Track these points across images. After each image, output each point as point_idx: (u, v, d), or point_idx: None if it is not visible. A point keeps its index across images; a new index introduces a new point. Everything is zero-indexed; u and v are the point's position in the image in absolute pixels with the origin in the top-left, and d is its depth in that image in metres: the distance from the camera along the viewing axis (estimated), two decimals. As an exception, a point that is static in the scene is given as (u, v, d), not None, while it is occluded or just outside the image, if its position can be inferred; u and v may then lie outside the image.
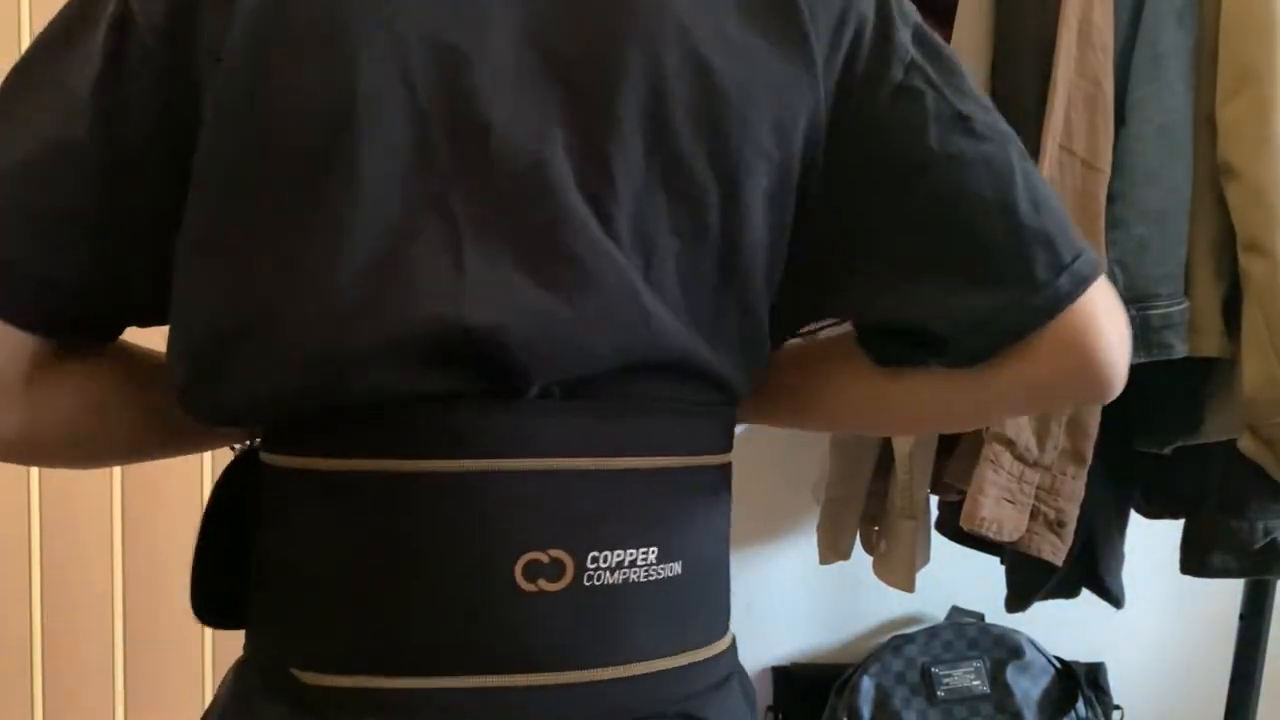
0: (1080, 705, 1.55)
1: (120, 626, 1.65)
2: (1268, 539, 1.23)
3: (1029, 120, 1.05)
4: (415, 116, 0.60)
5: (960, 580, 1.57)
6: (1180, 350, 1.06)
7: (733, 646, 0.73)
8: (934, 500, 1.29)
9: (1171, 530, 1.30)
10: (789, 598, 1.70)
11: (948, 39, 1.10)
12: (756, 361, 0.69)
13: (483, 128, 0.60)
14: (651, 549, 0.64)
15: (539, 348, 0.61)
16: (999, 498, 1.05)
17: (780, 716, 1.67)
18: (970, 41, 1.09)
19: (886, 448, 1.20)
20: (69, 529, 1.63)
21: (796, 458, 1.61)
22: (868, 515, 1.26)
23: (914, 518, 1.19)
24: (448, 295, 0.59)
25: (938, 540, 1.30)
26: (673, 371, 0.65)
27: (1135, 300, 1.05)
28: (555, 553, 0.62)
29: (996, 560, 1.35)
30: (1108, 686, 1.66)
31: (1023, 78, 1.07)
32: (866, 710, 1.55)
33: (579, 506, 0.63)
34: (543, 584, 0.61)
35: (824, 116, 0.66)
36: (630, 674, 0.64)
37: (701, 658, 0.68)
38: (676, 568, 0.65)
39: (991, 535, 1.05)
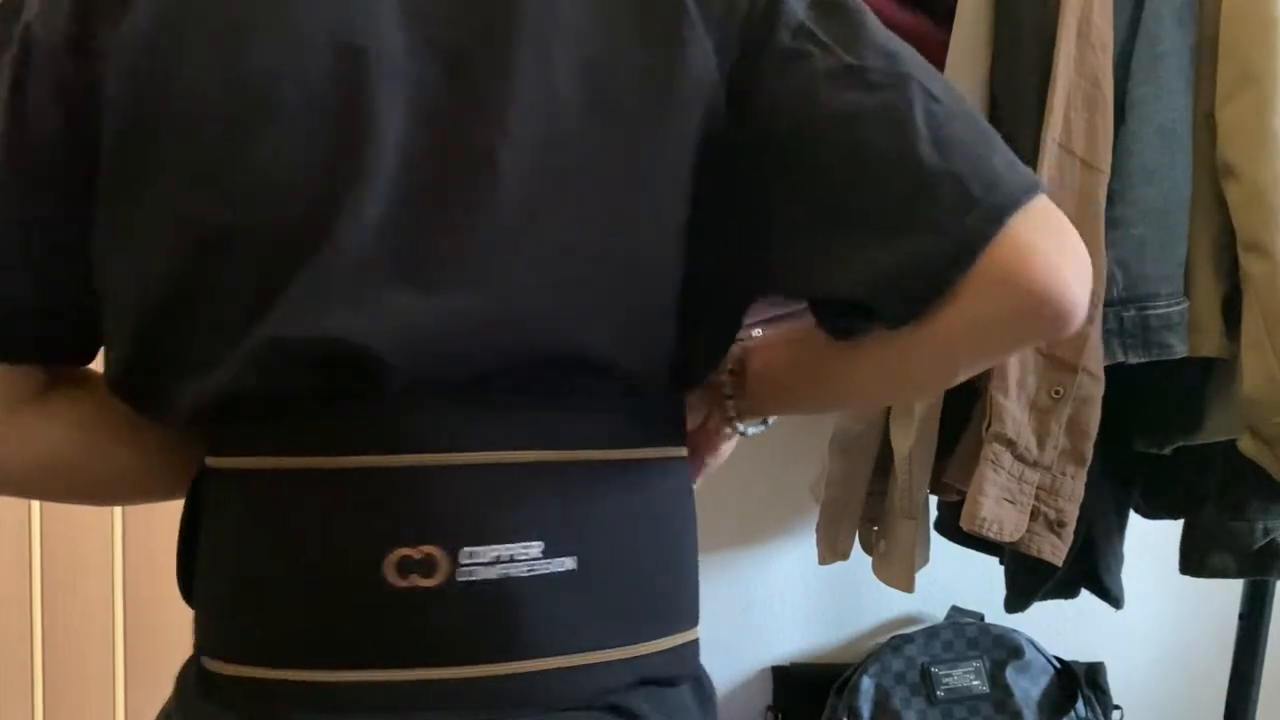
0: (1080, 705, 1.55)
1: (120, 627, 1.65)
2: (1268, 539, 1.23)
3: (1029, 120, 1.05)
4: (311, 112, 0.61)
5: (960, 580, 1.57)
6: (1180, 350, 1.06)
7: (682, 651, 0.71)
8: (934, 500, 1.29)
9: (1171, 530, 1.30)
10: (789, 598, 1.69)
11: (948, 39, 1.10)
12: (663, 350, 0.67)
13: (372, 123, 0.61)
14: (534, 544, 0.63)
15: (413, 353, 0.61)
16: (999, 498, 1.05)
17: (780, 716, 1.67)
18: (970, 41, 1.09)
19: (886, 448, 1.20)
20: (69, 531, 1.63)
21: (796, 458, 1.61)
22: (867, 515, 1.26)
23: (914, 518, 1.19)
24: (319, 303, 0.60)
25: (938, 540, 1.30)
26: (563, 364, 0.64)
27: (1135, 300, 1.05)
28: (427, 549, 0.61)
29: (996, 560, 1.35)
30: (1107, 686, 1.66)
31: (1023, 78, 1.07)
32: (866, 710, 1.55)
33: (452, 502, 0.62)
34: (416, 580, 0.61)
35: (721, 97, 0.65)
36: (523, 670, 0.63)
37: (623, 656, 0.66)
38: (569, 563, 0.64)
39: (992, 535, 1.05)
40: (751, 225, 0.67)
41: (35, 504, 1.62)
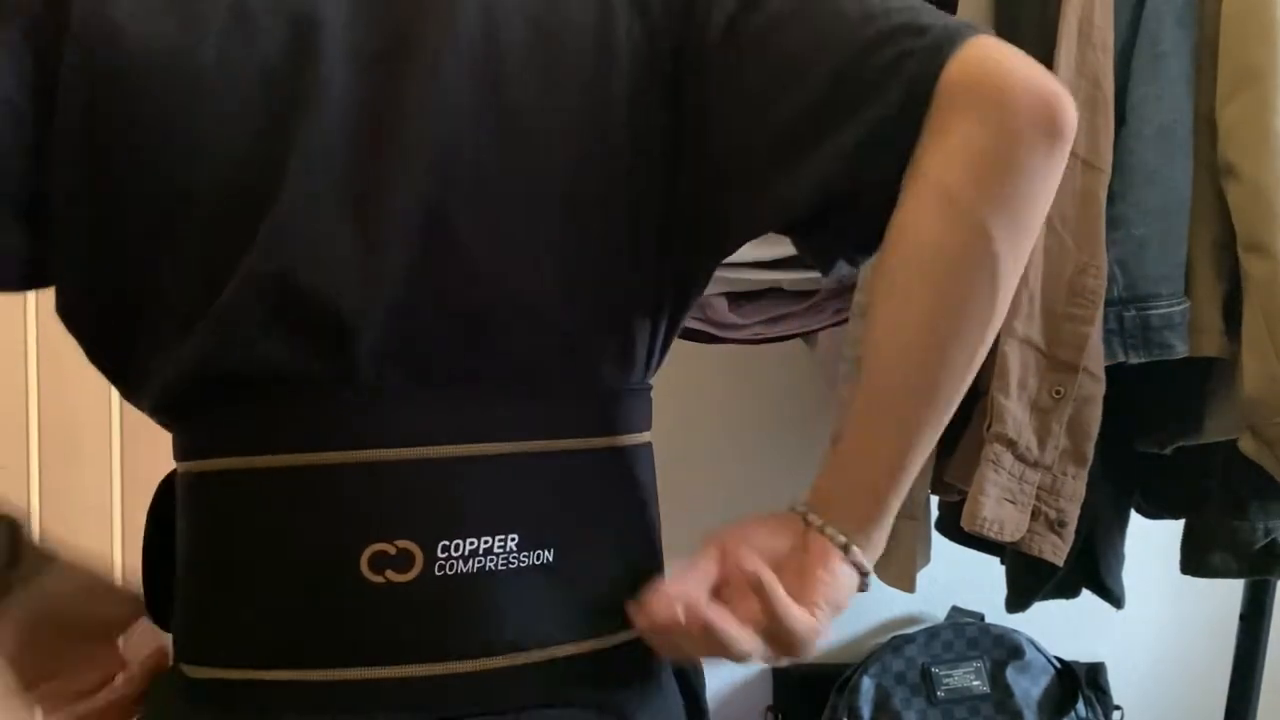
0: (1080, 705, 1.55)
1: (120, 627, 1.64)
2: (1268, 539, 1.23)
3: (1029, 120, 1.05)
4: (262, 81, 0.61)
5: (960, 580, 1.57)
6: (1181, 350, 1.06)
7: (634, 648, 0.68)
8: (935, 500, 1.29)
9: (1171, 530, 1.30)
10: (789, 598, 1.69)
11: (948, 39, 1.10)
12: (627, 323, 0.67)
13: (323, 90, 0.61)
14: (511, 536, 0.62)
15: (372, 310, 0.61)
16: (1000, 498, 1.05)
17: (780, 716, 1.67)
18: (970, 41, 1.09)
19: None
20: (69, 530, 1.63)
21: (796, 458, 1.61)
22: (868, 515, 1.26)
23: (914, 518, 1.19)
24: (284, 256, 0.60)
25: (938, 540, 1.30)
26: (521, 336, 0.64)
27: (1135, 300, 1.05)
28: (402, 543, 0.61)
29: (996, 560, 1.35)
30: (1108, 686, 1.66)
31: (1023, 78, 1.07)
32: (866, 710, 1.55)
33: (427, 496, 0.61)
34: (391, 575, 0.61)
35: (664, 55, 0.65)
36: (501, 665, 0.62)
37: (602, 646, 0.65)
38: (547, 555, 0.64)
39: (993, 535, 1.05)
40: (715, 173, 0.64)
41: (35, 492, 1.62)
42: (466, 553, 0.62)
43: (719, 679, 1.71)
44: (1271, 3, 1.03)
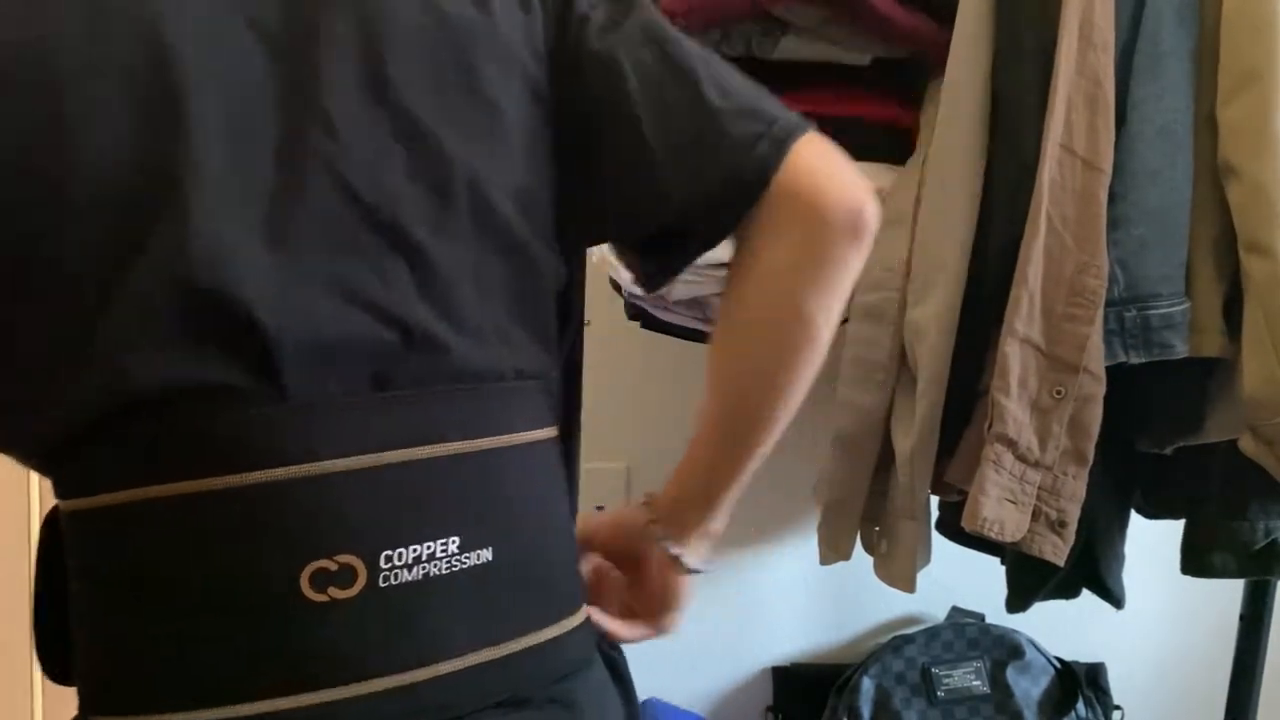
0: (1080, 705, 1.55)
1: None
2: (1268, 539, 1.23)
3: (1029, 120, 1.05)
4: (125, 83, 0.59)
5: (960, 580, 1.57)
6: (1181, 350, 1.06)
7: (588, 627, 0.72)
8: (935, 500, 1.29)
9: (1171, 530, 1.30)
10: (789, 598, 1.69)
11: (948, 39, 1.10)
12: (540, 318, 0.70)
13: (183, 95, 0.60)
14: (452, 539, 0.62)
15: (277, 313, 0.59)
16: (1000, 498, 1.05)
17: (780, 716, 1.67)
18: (970, 41, 1.09)
19: (887, 448, 1.20)
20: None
21: (796, 458, 1.61)
22: (868, 515, 1.26)
23: (914, 518, 1.19)
24: (191, 269, 0.58)
25: (938, 540, 1.30)
26: (446, 339, 0.64)
27: (1136, 300, 1.05)
28: (344, 558, 0.59)
29: (996, 560, 1.35)
30: (1108, 686, 1.66)
31: (1023, 78, 1.07)
32: (866, 710, 1.55)
33: (365, 507, 0.60)
34: (334, 592, 0.59)
35: (542, 63, 0.69)
36: (450, 670, 0.62)
37: (533, 644, 0.66)
38: (486, 554, 0.64)
39: (993, 535, 1.05)
40: (585, 184, 0.71)
41: (35, 501, 1.62)
42: (410, 560, 0.61)
43: (719, 679, 1.71)
44: (1271, 3, 1.03)
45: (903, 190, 1.16)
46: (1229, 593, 1.53)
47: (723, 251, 1.19)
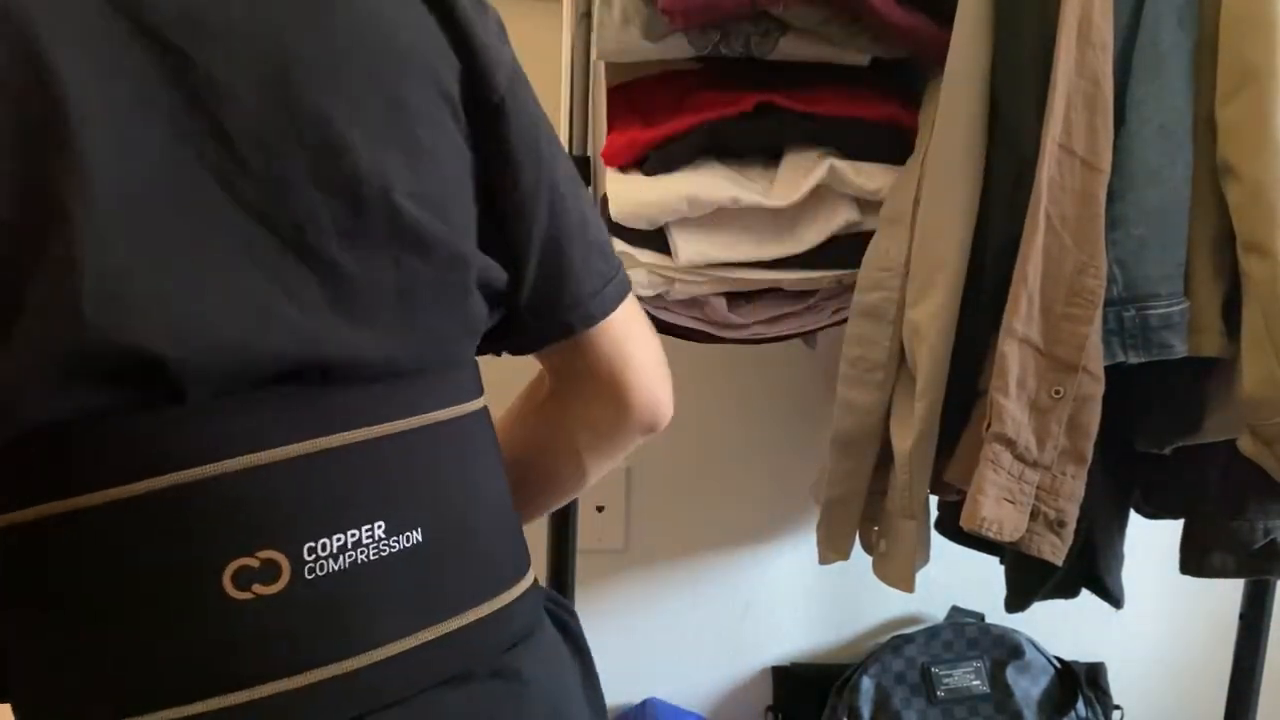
0: (1080, 705, 1.55)
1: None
2: (1268, 539, 1.23)
3: (1029, 120, 1.05)
4: (2, 102, 0.54)
5: (960, 580, 1.58)
6: (1180, 350, 1.06)
7: (533, 594, 0.72)
8: (934, 500, 1.29)
9: (1171, 530, 1.30)
10: (789, 598, 1.70)
11: (948, 39, 1.10)
12: (464, 308, 0.69)
13: (67, 115, 0.55)
14: (377, 524, 0.61)
15: (179, 344, 0.57)
16: (999, 498, 1.05)
17: (780, 716, 1.67)
18: (970, 41, 1.09)
19: (886, 448, 1.20)
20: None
21: (796, 458, 1.61)
22: (868, 515, 1.26)
23: (914, 518, 1.19)
24: (82, 302, 0.54)
25: (938, 540, 1.30)
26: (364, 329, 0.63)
27: (1135, 300, 1.05)
28: (265, 554, 0.58)
29: (996, 560, 1.35)
30: (1108, 686, 1.66)
31: (1023, 78, 1.07)
32: (866, 710, 1.55)
33: (282, 500, 0.59)
34: (258, 589, 0.58)
35: (459, 95, 0.67)
36: (390, 654, 0.61)
37: (473, 619, 0.66)
38: (416, 535, 0.63)
39: (992, 535, 1.05)
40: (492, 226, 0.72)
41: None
42: (335, 550, 0.60)
43: (719, 679, 1.71)
44: (1271, 3, 1.03)
45: (902, 190, 1.16)
46: (1229, 593, 1.53)
47: (722, 251, 1.19)
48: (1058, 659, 1.61)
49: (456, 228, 0.67)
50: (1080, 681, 1.58)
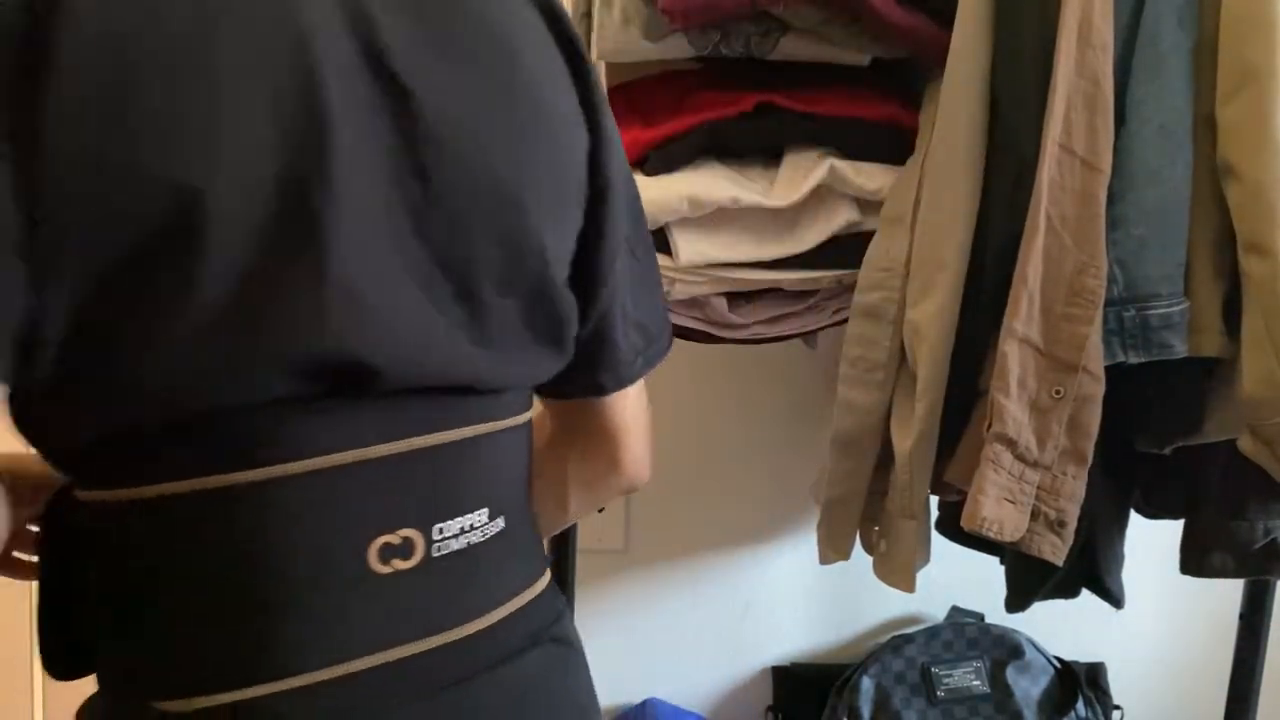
0: (1080, 705, 1.55)
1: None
2: (1268, 539, 1.23)
3: (1029, 120, 1.05)
4: (274, 101, 0.58)
5: (960, 580, 1.57)
6: (1180, 350, 1.06)
7: (551, 581, 0.81)
8: (934, 500, 1.29)
9: (1171, 530, 1.30)
10: (789, 598, 1.70)
11: (948, 39, 1.10)
12: (558, 337, 0.75)
13: (327, 126, 0.60)
14: (481, 511, 0.71)
15: (389, 360, 0.63)
16: (1000, 498, 1.05)
17: (780, 716, 1.67)
18: (970, 41, 1.09)
19: (887, 448, 1.20)
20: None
21: (796, 458, 1.61)
22: (868, 515, 1.26)
23: (914, 518, 1.19)
24: (326, 316, 0.60)
25: (938, 540, 1.30)
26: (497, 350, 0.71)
27: (1135, 300, 1.05)
28: (405, 532, 0.66)
29: (996, 560, 1.35)
30: (1108, 686, 1.66)
31: (1022, 78, 1.07)
32: (866, 710, 1.55)
33: (415, 485, 0.67)
34: (396, 564, 0.66)
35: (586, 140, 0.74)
36: (493, 621, 0.71)
37: (534, 595, 0.75)
38: (501, 522, 0.72)
39: (992, 535, 1.05)
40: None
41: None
42: (456, 531, 0.69)
43: (719, 679, 1.71)
44: (1271, 3, 1.03)
45: (902, 190, 1.16)
46: (1229, 593, 1.53)
47: (722, 251, 1.19)
48: (1058, 659, 1.61)
49: (569, 284, 0.74)
50: (1080, 681, 1.58)
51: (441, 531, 0.68)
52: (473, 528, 0.70)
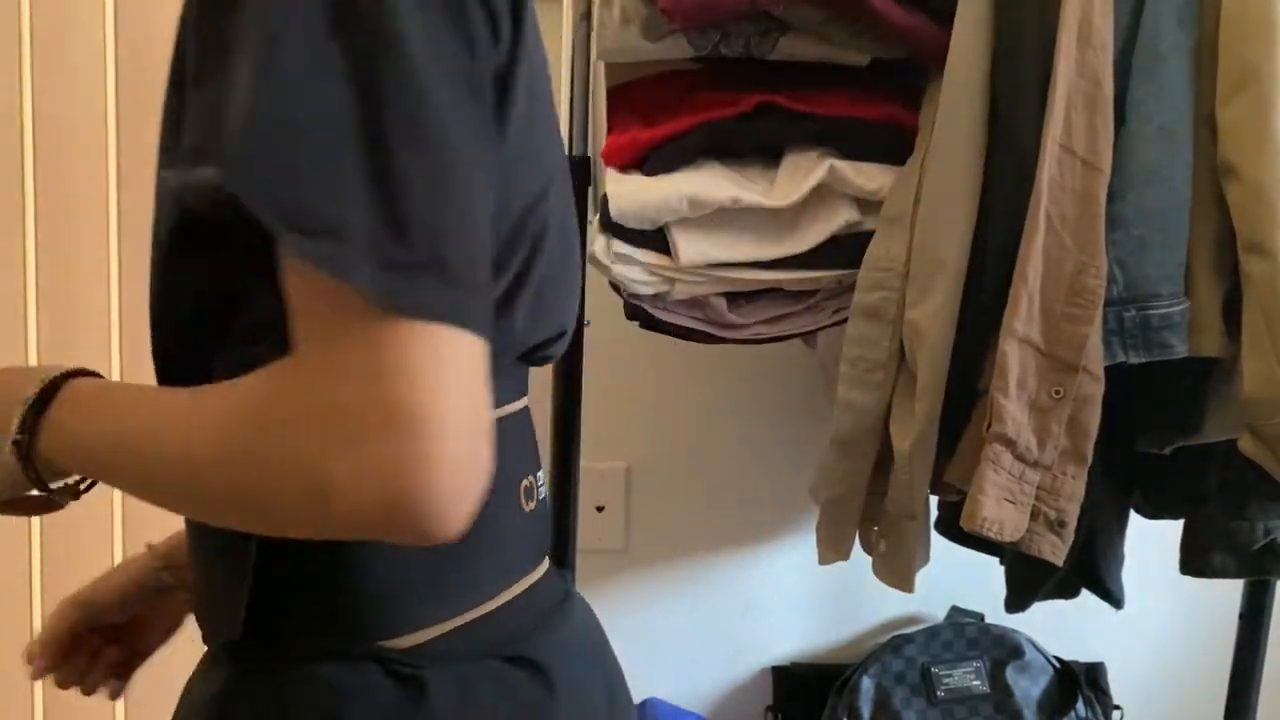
0: (1080, 705, 1.55)
1: (120, 627, 1.64)
2: (1268, 539, 1.23)
3: (1029, 120, 1.05)
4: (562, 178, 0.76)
5: (960, 580, 1.57)
6: (1180, 350, 1.06)
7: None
8: (934, 500, 1.29)
9: (1171, 530, 1.30)
10: (789, 598, 1.70)
11: (947, 39, 1.10)
12: None
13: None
14: (542, 471, 0.80)
15: (561, 339, 0.78)
16: (1000, 498, 1.05)
17: (780, 716, 1.67)
18: (970, 41, 1.09)
19: (886, 448, 1.20)
20: (69, 529, 1.63)
21: (796, 458, 1.61)
22: (868, 515, 1.26)
23: (914, 518, 1.19)
24: (554, 297, 0.75)
25: (938, 540, 1.30)
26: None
27: (1135, 300, 1.05)
28: (534, 475, 0.77)
29: (996, 560, 1.35)
30: (1108, 686, 1.66)
31: (1023, 78, 1.07)
32: (866, 710, 1.55)
33: (529, 436, 0.78)
34: (530, 504, 0.75)
35: None
36: (546, 567, 0.79)
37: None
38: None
39: (992, 535, 1.05)
40: None
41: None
42: (543, 482, 0.79)
43: (719, 679, 1.71)
44: (1271, 3, 1.03)
45: (902, 190, 1.16)
46: (1229, 593, 1.53)
47: (723, 252, 1.19)
48: (1058, 659, 1.61)
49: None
50: (1080, 681, 1.58)
51: (539, 479, 0.77)
52: (542, 484, 0.78)
